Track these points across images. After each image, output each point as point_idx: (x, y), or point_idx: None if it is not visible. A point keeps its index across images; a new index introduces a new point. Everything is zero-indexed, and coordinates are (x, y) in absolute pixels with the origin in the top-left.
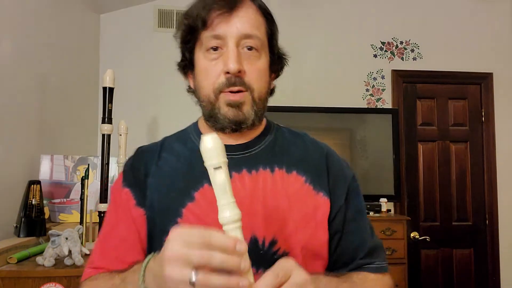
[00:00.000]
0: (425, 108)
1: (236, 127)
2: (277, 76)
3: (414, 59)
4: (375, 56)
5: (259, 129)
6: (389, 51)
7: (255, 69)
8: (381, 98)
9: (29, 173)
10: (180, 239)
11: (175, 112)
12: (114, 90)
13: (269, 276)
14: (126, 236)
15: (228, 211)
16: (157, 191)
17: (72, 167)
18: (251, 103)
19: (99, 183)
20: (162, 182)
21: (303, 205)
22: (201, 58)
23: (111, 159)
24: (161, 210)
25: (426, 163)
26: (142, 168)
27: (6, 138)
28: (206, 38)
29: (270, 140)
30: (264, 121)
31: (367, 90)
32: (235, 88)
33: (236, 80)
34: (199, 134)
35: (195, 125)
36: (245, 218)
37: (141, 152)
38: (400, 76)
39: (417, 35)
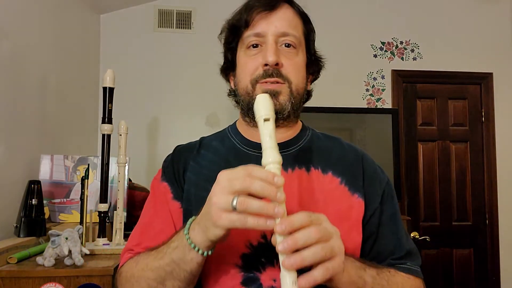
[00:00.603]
0: (425, 108)
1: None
2: (314, 79)
3: (414, 59)
4: (375, 56)
5: (295, 128)
6: (389, 51)
7: (293, 63)
8: (381, 98)
9: (29, 173)
10: (226, 176)
11: (175, 112)
12: (114, 90)
13: (302, 214)
14: (163, 227)
15: (271, 154)
16: (195, 185)
17: (72, 167)
18: (289, 94)
19: (99, 183)
20: (200, 177)
21: (337, 205)
22: (242, 56)
23: (111, 159)
24: (197, 203)
25: (426, 163)
26: (181, 164)
27: (6, 138)
28: (248, 36)
29: (307, 140)
30: (300, 123)
31: (367, 90)
32: (272, 79)
33: (273, 71)
34: (236, 133)
35: (232, 125)
36: None
37: (180, 150)
38: (400, 76)
39: (417, 35)
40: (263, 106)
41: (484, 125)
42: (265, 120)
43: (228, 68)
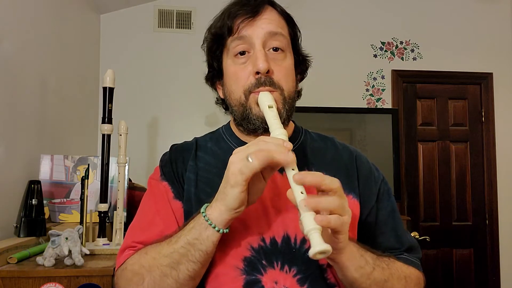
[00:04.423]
0: (425, 108)
1: (268, 126)
2: (302, 78)
3: (414, 59)
4: (375, 56)
5: (288, 130)
6: (389, 51)
7: (283, 69)
8: (381, 98)
9: (29, 173)
10: (241, 148)
11: (175, 112)
12: (114, 90)
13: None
14: (166, 225)
15: (277, 130)
16: (194, 186)
17: (72, 167)
18: (282, 102)
19: (99, 183)
20: (199, 178)
21: None
22: (230, 64)
23: (111, 159)
24: (197, 203)
25: (426, 163)
26: (180, 163)
27: (6, 138)
28: (233, 43)
29: (301, 142)
30: (292, 125)
31: (367, 90)
32: (265, 89)
33: (265, 80)
34: (231, 134)
35: (226, 127)
36: (276, 217)
37: (177, 149)
38: (400, 76)
39: (417, 35)
40: (266, 97)
41: (484, 125)
42: (269, 107)
43: (214, 77)
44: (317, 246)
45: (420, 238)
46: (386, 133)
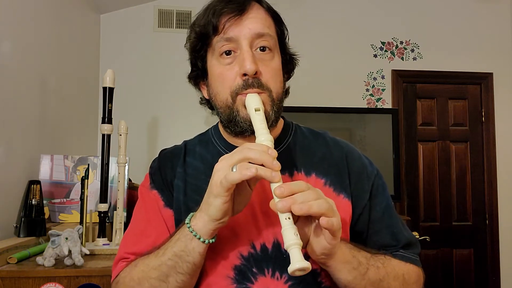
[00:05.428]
0: (425, 108)
1: None
2: (289, 77)
3: (414, 59)
4: (375, 56)
5: (276, 130)
6: (389, 51)
7: (271, 69)
8: (381, 98)
9: (29, 173)
10: (226, 155)
11: (175, 112)
12: (114, 90)
13: (301, 181)
14: (158, 235)
15: (263, 134)
16: (183, 193)
17: (72, 167)
18: (271, 103)
19: (99, 183)
20: (188, 185)
21: None
22: (215, 65)
23: (111, 159)
24: (186, 211)
25: (426, 163)
26: (169, 170)
27: (6, 138)
28: (219, 42)
29: (289, 142)
30: (281, 122)
31: (367, 90)
32: (253, 90)
33: (253, 81)
34: (219, 137)
35: (215, 129)
36: (266, 222)
37: (166, 155)
38: (400, 76)
39: (417, 35)
40: (252, 100)
41: (484, 125)
42: (256, 110)
43: (198, 77)
44: (296, 263)
45: (420, 238)
46: (386, 133)
